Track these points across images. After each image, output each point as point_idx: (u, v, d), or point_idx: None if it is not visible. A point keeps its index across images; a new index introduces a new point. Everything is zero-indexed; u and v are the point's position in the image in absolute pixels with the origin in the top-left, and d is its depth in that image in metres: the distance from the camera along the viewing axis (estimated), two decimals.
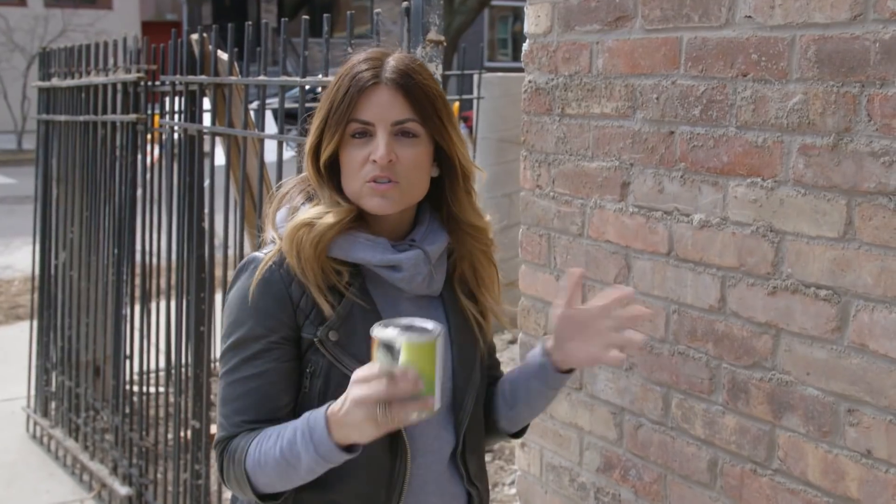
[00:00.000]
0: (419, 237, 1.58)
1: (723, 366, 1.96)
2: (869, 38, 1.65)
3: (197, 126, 3.37)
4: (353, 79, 1.52)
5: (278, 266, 1.52)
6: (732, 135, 1.90)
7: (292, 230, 1.52)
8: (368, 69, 1.52)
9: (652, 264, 2.11)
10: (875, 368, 1.68)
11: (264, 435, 1.49)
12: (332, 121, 1.52)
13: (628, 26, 2.12)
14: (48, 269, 4.97)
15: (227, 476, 1.54)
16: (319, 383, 1.52)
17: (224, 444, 1.54)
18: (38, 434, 4.88)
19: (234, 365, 1.53)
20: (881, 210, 1.65)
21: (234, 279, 1.59)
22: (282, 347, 1.52)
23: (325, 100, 1.55)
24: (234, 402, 1.53)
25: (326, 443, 1.39)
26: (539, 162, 2.42)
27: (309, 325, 1.51)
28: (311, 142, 1.56)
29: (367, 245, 1.54)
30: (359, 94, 1.50)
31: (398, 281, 1.55)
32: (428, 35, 2.44)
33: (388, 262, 1.53)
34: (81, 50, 4.51)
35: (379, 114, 1.51)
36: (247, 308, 1.52)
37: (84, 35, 17.01)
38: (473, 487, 1.66)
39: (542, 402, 1.72)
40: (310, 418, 1.43)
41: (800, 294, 1.80)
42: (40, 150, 5.10)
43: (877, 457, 1.69)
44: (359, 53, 1.57)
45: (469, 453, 1.65)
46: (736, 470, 1.96)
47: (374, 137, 1.51)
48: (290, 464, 1.43)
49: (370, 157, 1.51)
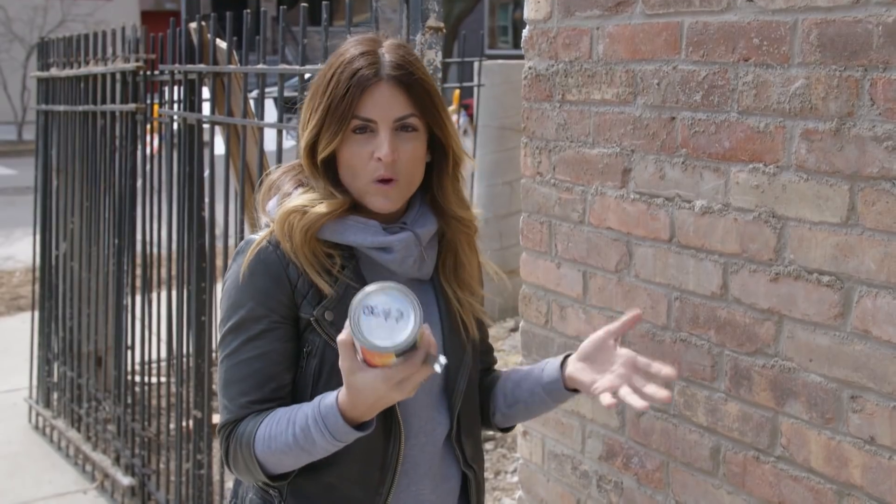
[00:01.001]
0: (410, 220, 1.59)
1: (725, 353, 1.96)
2: (871, 22, 1.63)
3: (196, 115, 3.36)
4: (352, 76, 1.50)
5: (275, 247, 1.53)
6: (734, 120, 1.89)
7: (284, 215, 1.52)
8: (367, 65, 1.50)
9: (654, 251, 2.10)
10: (878, 355, 1.67)
11: (272, 419, 1.50)
12: (333, 119, 1.51)
13: (629, 11, 2.11)
14: (49, 259, 4.96)
15: (235, 460, 1.54)
16: (315, 362, 1.54)
17: (230, 428, 1.54)
18: (41, 425, 4.89)
19: (236, 347, 1.54)
20: (884, 195, 1.64)
21: (231, 263, 1.59)
22: (282, 327, 1.53)
23: (321, 95, 1.53)
24: (239, 384, 1.53)
25: (343, 428, 1.42)
26: (539, 149, 2.41)
27: (306, 305, 1.52)
28: (308, 138, 1.54)
29: (359, 227, 1.54)
30: (361, 92, 1.50)
31: (390, 263, 1.56)
32: (427, 22, 2.42)
33: (380, 244, 1.54)
34: (80, 40, 4.49)
35: (381, 111, 1.51)
36: (246, 289, 1.53)
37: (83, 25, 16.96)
38: (470, 469, 1.67)
39: (541, 411, 1.75)
40: (321, 406, 1.44)
41: (802, 280, 1.79)
42: (40, 141, 5.09)
43: (880, 443, 1.68)
44: (350, 43, 1.55)
45: (464, 436, 1.66)
46: (739, 457, 1.95)
47: (376, 134, 1.51)
48: (304, 448, 1.46)
49: (374, 155, 1.51)
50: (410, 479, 1.60)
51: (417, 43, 2.44)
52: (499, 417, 1.76)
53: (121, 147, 4.10)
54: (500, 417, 1.76)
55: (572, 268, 2.33)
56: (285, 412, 1.50)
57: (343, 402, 1.41)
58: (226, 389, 1.55)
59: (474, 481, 1.69)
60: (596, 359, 1.61)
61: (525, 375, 1.73)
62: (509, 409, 1.74)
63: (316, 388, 1.53)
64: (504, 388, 1.75)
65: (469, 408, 1.67)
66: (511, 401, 1.73)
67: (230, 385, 1.54)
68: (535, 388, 1.69)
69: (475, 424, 1.71)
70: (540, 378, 1.69)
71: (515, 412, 1.75)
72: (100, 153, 4.28)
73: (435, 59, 2.43)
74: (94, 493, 4.19)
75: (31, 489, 4.21)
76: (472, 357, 1.68)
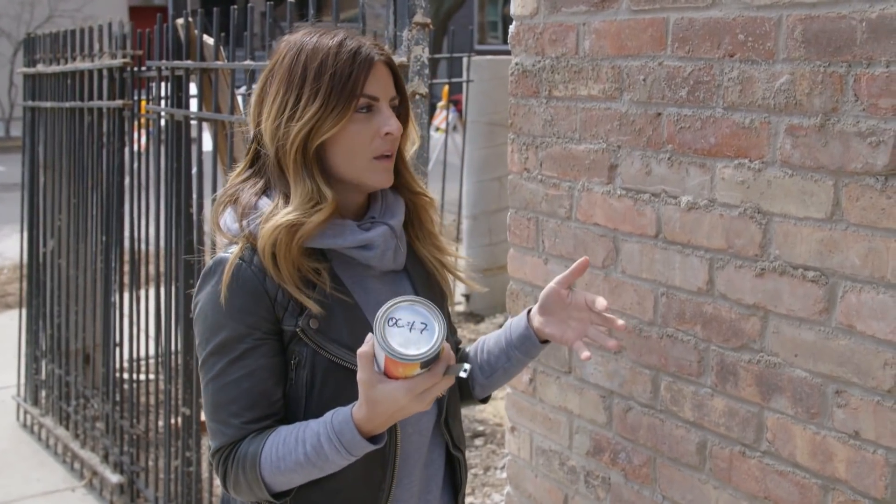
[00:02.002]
0: (378, 213, 1.59)
1: (711, 348, 1.96)
2: (855, 18, 1.64)
3: (184, 112, 3.35)
4: (355, 55, 1.50)
5: (248, 263, 1.49)
6: (720, 116, 1.89)
7: (271, 232, 1.47)
8: (363, 46, 1.51)
9: (640, 247, 2.10)
10: (862, 349, 1.68)
11: (276, 438, 1.48)
12: (339, 99, 1.49)
13: (615, 7, 2.11)
14: (36, 256, 4.94)
15: (236, 483, 1.51)
16: (306, 373, 1.51)
17: (226, 452, 1.52)
18: (29, 423, 4.87)
19: (222, 368, 1.50)
20: (868, 190, 1.65)
21: (201, 284, 1.54)
22: (267, 343, 1.50)
23: (314, 79, 1.49)
24: (229, 406, 1.51)
25: (360, 443, 1.42)
26: (526, 145, 2.41)
27: (288, 317, 1.50)
28: (307, 125, 1.49)
29: (337, 229, 1.53)
30: (368, 70, 1.50)
31: (370, 259, 1.55)
32: (414, 18, 2.42)
33: (360, 243, 1.54)
34: (66, 35, 4.47)
35: (383, 90, 1.53)
36: (223, 310, 1.49)
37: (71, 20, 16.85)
38: (458, 452, 1.68)
39: (518, 370, 1.78)
40: (334, 422, 1.44)
41: (787, 276, 1.80)
42: (27, 138, 5.06)
43: (864, 438, 1.69)
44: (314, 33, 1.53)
45: (451, 419, 1.67)
46: (725, 452, 1.96)
47: (376, 112, 1.52)
48: (316, 465, 1.45)
49: (381, 131, 1.51)
50: (403, 473, 1.60)
51: (404, 39, 2.44)
52: (478, 390, 1.80)
53: (108, 144, 4.08)
54: (479, 389, 1.80)
55: (559, 264, 2.33)
56: (291, 431, 1.47)
57: (359, 416, 1.40)
58: (216, 413, 1.52)
59: (463, 464, 1.70)
60: (554, 310, 1.66)
61: (495, 343, 1.76)
62: (487, 379, 1.77)
63: (310, 398, 1.52)
64: (478, 361, 1.78)
65: (452, 390, 1.68)
66: (488, 371, 1.76)
67: (220, 408, 1.51)
68: (510, 351, 1.73)
69: (458, 406, 1.73)
70: (511, 341, 1.73)
71: (494, 380, 1.78)
72: (87, 150, 4.26)
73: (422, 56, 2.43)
74: (83, 491, 4.17)
75: (19, 487, 4.20)
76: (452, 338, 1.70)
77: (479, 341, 1.80)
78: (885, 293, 1.64)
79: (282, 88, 1.51)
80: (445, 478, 1.70)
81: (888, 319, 1.63)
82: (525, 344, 1.71)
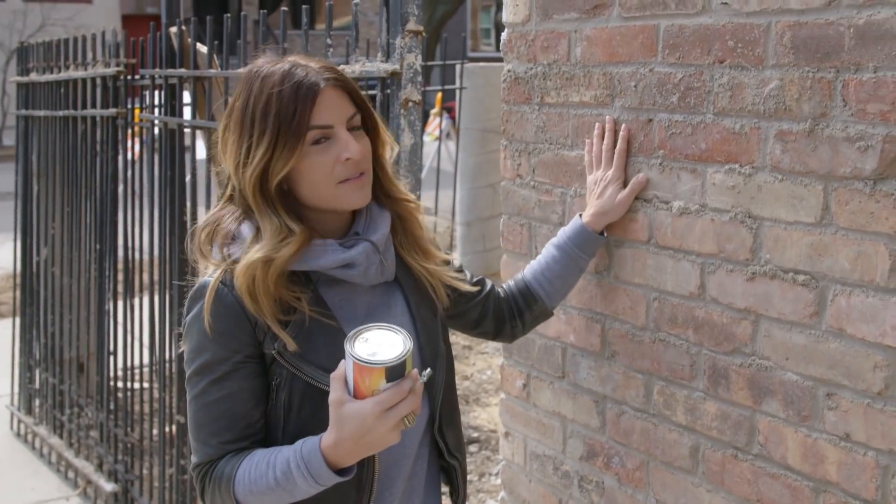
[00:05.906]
0: (361, 229, 1.59)
1: (703, 352, 1.97)
2: (843, 24, 1.66)
3: (177, 120, 3.35)
4: (297, 89, 1.48)
5: (230, 288, 1.51)
6: (710, 122, 1.91)
7: (246, 269, 1.48)
8: (304, 76, 1.49)
9: (632, 252, 2.12)
10: (853, 352, 1.69)
11: (250, 462, 1.49)
12: (287, 136, 1.48)
13: (606, 14, 2.13)
14: (30, 265, 4.94)
15: (213, 499, 1.54)
16: (284, 395, 1.53)
17: (205, 469, 1.54)
18: (23, 432, 4.86)
19: (203, 388, 1.54)
20: (857, 195, 1.66)
21: (189, 306, 1.57)
22: (247, 366, 1.52)
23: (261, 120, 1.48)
24: (209, 426, 1.54)
25: (326, 474, 1.43)
26: (519, 151, 2.42)
27: (269, 341, 1.52)
28: (258, 167, 1.49)
29: (319, 251, 1.54)
30: (312, 102, 1.48)
31: (354, 277, 1.56)
32: (407, 26, 2.44)
33: (341, 262, 1.54)
34: (60, 44, 4.48)
35: (334, 115, 1.51)
36: (207, 334, 1.51)
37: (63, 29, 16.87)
38: (454, 459, 1.68)
39: (575, 271, 2.03)
40: (303, 450, 1.44)
41: (778, 280, 1.81)
42: (20, 146, 5.07)
43: (855, 440, 1.70)
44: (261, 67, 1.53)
45: (446, 426, 1.67)
46: (717, 455, 1.97)
47: (334, 139, 1.51)
48: (287, 489, 1.46)
49: (340, 158, 1.50)
50: (383, 486, 1.61)
51: (397, 46, 2.45)
52: (545, 300, 2.00)
53: (102, 152, 4.09)
54: (547, 299, 2.01)
55: None
56: (264, 455, 1.49)
57: (326, 443, 1.42)
58: (197, 431, 1.55)
59: (460, 471, 1.70)
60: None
61: (551, 254, 2.02)
62: (551, 286, 1.97)
63: (288, 419, 1.54)
64: (537, 275, 1.98)
65: (448, 396, 1.68)
66: (550, 277, 1.98)
67: (201, 427, 1.55)
68: (571, 251, 1.98)
69: (455, 413, 1.73)
70: (568, 243, 2.01)
71: (555, 287, 2.00)
72: (81, 158, 4.26)
73: (415, 63, 2.44)
74: (77, 500, 4.17)
75: (13, 496, 4.19)
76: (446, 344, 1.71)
77: (533, 261, 2.05)
78: (874, 296, 1.65)
79: (236, 130, 1.52)
80: (432, 487, 1.70)
81: (878, 322, 1.65)
82: (585, 241, 1.99)
